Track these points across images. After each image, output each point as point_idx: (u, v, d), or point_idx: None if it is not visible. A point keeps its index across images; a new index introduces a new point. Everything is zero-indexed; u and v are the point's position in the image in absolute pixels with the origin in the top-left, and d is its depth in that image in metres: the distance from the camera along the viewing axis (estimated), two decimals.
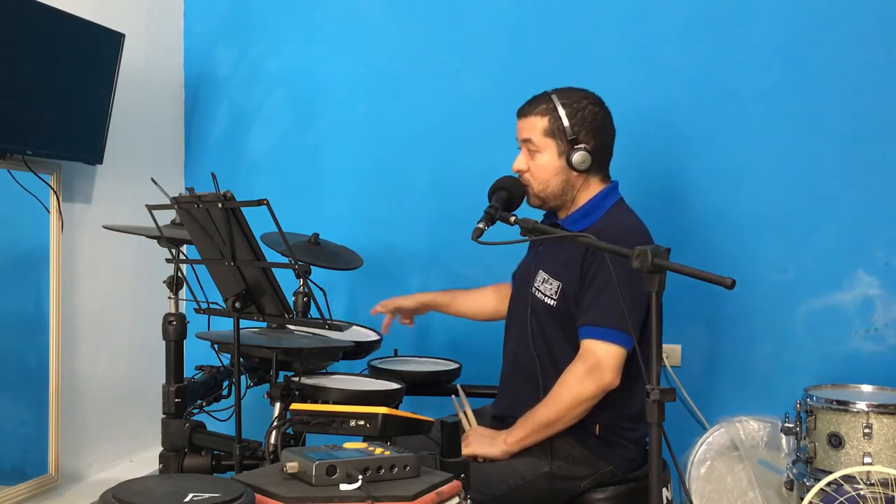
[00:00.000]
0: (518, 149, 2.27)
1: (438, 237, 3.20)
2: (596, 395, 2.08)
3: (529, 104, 2.23)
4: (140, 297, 3.15)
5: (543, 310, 2.22)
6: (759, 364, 2.90)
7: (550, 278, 2.22)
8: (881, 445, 2.29)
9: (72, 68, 2.65)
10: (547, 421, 2.10)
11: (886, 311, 2.79)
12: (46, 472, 2.71)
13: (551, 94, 2.21)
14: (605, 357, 2.07)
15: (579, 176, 2.21)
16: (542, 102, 2.21)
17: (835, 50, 2.82)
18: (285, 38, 3.40)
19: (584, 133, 2.18)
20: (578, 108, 2.18)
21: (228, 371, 2.37)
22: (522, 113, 2.24)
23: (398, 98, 3.26)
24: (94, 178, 2.93)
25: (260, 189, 3.35)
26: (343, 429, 1.84)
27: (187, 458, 2.18)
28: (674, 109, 2.95)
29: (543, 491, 2.11)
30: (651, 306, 1.57)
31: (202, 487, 1.39)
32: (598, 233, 1.96)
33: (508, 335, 2.38)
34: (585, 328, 2.11)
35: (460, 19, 3.19)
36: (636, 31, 2.99)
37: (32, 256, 2.74)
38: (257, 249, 1.91)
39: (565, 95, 2.20)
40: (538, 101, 2.22)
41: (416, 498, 1.47)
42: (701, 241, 2.92)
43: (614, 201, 2.25)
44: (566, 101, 2.19)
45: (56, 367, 2.72)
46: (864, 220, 2.80)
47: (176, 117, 3.48)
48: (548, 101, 2.20)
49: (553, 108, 2.18)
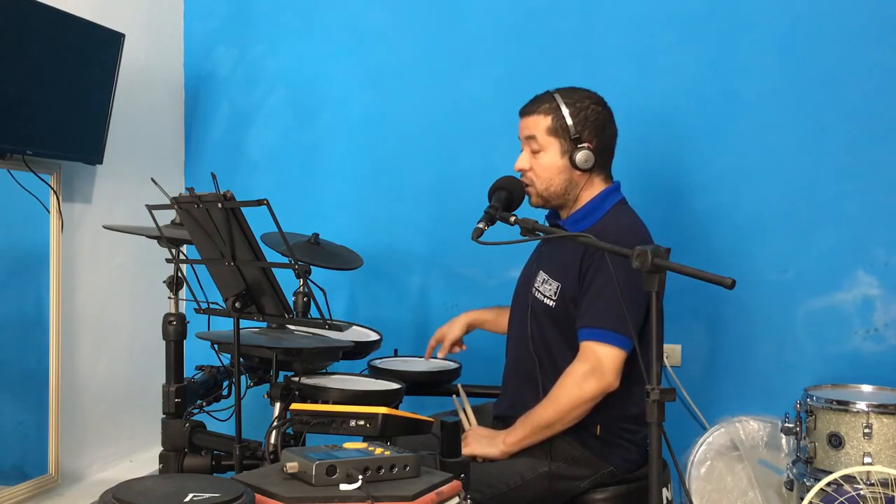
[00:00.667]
0: (521, 148, 2.27)
1: (438, 237, 3.20)
2: (595, 398, 2.07)
3: (532, 103, 2.23)
4: (140, 297, 3.15)
5: (543, 311, 2.22)
6: (759, 364, 2.90)
7: (550, 279, 2.22)
8: (881, 445, 2.29)
9: (72, 68, 2.65)
10: (546, 422, 2.10)
11: (886, 311, 2.79)
12: (46, 472, 2.71)
13: (554, 94, 2.22)
14: (604, 359, 2.07)
15: (582, 175, 2.21)
16: (546, 101, 2.21)
17: (835, 50, 2.82)
18: (285, 38, 3.40)
19: (587, 132, 2.18)
20: (581, 108, 2.19)
21: (228, 371, 2.37)
22: (525, 112, 2.24)
23: (398, 98, 3.26)
24: (94, 178, 2.93)
25: (260, 189, 3.35)
26: (343, 429, 1.84)
27: (187, 458, 2.18)
28: (674, 109, 2.95)
29: (543, 491, 2.11)
30: (651, 306, 1.57)
31: (202, 487, 1.39)
32: (598, 233, 1.96)
33: (510, 336, 2.38)
34: (584, 330, 2.11)
35: (460, 19, 3.19)
36: (637, 32, 2.99)
37: (32, 256, 2.74)
38: (257, 249, 1.91)
39: (568, 95, 2.21)
40: (541, 100, 2.22)
41: (416, 498, 1.47)
42: (701, 241, 2.92)
43: (616, 201, 2.25)
44: (569, 100, 2.19)
45: (56, 367, 2.73)
46: (864, 220, 2.80)
47: (176, 117, 3.48)
48: (551, 100, 2.20)
49: (556, 106, 2.18)
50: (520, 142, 2.27)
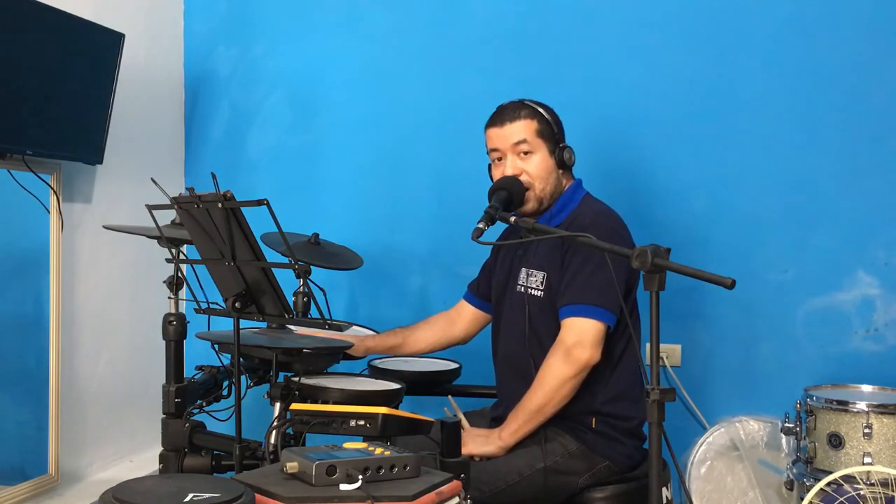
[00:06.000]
0: (492, 160, 2.30)
1: (438, 237, 3.20)
2: (578, 373, 2.10)
3: (511, 111, 2.27)
4: (140, 297, 3.15)
5: (534, 304, 2.24)
6: (759, 364, 2.90)
7: (535, 271, 2.25)
8: (881, 445, 2.29)
9: (72, 68, 2.65)
10: (536, 407, 2.12)
11: (886, 311, 2.79)
12: (46, 472, 2.71)
13: (525, 101, 2.29)
14: (583, 333, 2.10)
15: (563, 174, 2.29)
16: (523, 108, 2.27)
17: (835, 50, 2.82)
18: (285, 38, 3.40)
19: (561, 133, 2.29)
20: (551, 111, 2.29)
21: (228, 371, 2.37)
22: (507, 119, 2.25)
23: (398, 98, 3.26)
24: (94, 178, 2.93)
25: (260, 189, 3.35)
26: (343, 429, 1.84)
27: (187, 458, 2.18)
28: (674, 109, 2.95)
29: (539, 487, 2.12)
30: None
31: (202, 487, 1.39)
32: (573, 221, 2.13)
33: (497, 340, 2.40)
34: (563, 308, 2.15)
35: (460, 19, 3.19)
36: (637, 32, 2.99)
37: (32, 256, 2.74)
38: (257, 249, 1.91)
39: (534, 102, 2.29)
40: (518, 107, 2.27)
41: (416, 498, 1.47)
42: (701, 241, 2.92)
43: (584, 194, 2.33)
44: (540, 105, 2.28)
45: (56, 367, 2.72)
46: (864, 220, 2.80)
47: (176, 117, 3.48)
48: (528, 107, 2.27)
49: (536, 111, 2.26)
50: (494, 153, 2.29)
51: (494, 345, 2.41)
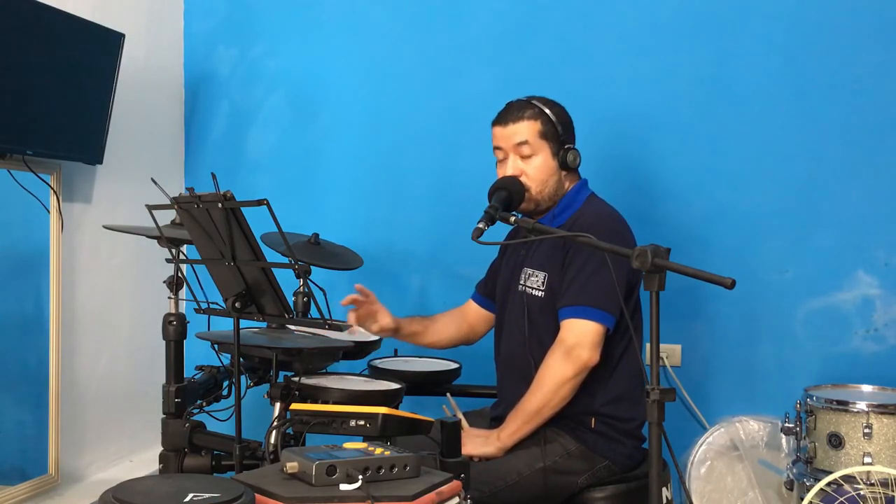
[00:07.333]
0: (498, 158, 2.29)
1: (438, 237, 3.20)
2: (577, 374, 2.09)
3: (516, 110, 2.26)
4: (140, 297, 3.15)
5: (534, 304, 2.24)
6: (759, 364, 2.90)
7: (536, 271, 2.25)
8: (881, 445, 2.29)
9: (72, 68, 2.65)
10: (535, 408, 2.12)
11: (886, 311, 2.79)
12: (46, 472, 2.71)
13: (532, 100, 2.27)
14: (582, 335, 2.10)
15: (567, 175, 2.28)
16: (529, 108, 2.25)
17: (835, 50, 2.82)
18: (285, 38, 3.40)
19: (567, 133, 2.27)
20: (559, 111, 2.27)
21: (228, 371, 2.37)
22: (510, 119, 2.26)
23: (398, 98, 3.26)
24: (94, 178, 2.93)
25: (260, 189, 3.35)
26: (343, 429, 1.84)
27: (187, 458, 2.18)
28: (674, 109, 2.95)
29: (539, 487, 2.12)
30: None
31: (202, 487, 1.39)
32: (574, 221, 2.13)
33: (499, 340, 2.40)
34: (563, 309, 2.15)
35: (460, 19, 3.19)
36: (636, 31, 2.99)
37: (32, 256, 2.74)
38: (257, 249, 1.91)
39: (543, 101, 2.27)
40: (523, 106, 2.26)
41: (416, 498, 1.47)
42: (701, 241, 2.92)
43: (588, 194, 2.32)
44: (547, 105, 2.26)
45: (56, 367, 2.72)
46: (864, 220, 2.80)
47: (176, 117, 3.48)
48: (533, 107, 2.25)
49: (541, 111, 2.24)
50: (498, 152, 2.29)
51: (497, 344, 2.41)
